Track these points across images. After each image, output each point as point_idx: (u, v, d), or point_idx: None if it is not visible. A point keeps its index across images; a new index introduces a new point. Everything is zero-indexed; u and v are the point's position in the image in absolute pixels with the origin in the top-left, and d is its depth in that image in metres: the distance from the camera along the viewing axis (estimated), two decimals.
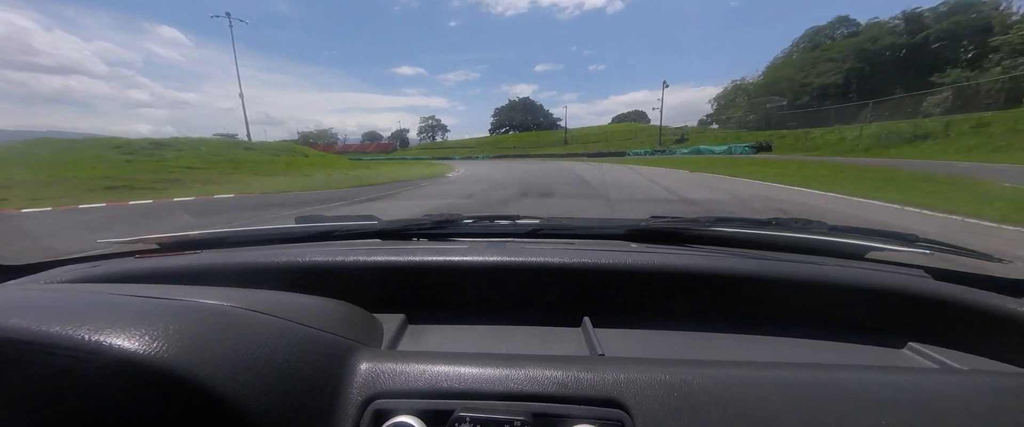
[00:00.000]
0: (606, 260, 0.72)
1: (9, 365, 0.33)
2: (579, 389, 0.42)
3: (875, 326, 0.67)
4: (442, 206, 7.57)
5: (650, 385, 0.42)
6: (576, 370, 0.44)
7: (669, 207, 6.76)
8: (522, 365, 0.45)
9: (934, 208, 5.64)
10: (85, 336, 0.33)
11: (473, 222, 1.05)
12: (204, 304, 0.44)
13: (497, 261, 0.73)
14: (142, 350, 0.33)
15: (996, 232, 4.37)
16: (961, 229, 4.55)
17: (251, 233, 1.00)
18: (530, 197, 8.43)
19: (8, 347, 0.33)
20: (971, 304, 0.61)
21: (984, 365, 0.58)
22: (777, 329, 0.68)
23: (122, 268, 0.78)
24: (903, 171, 11.33)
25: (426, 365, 0.45)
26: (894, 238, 0.83)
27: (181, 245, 0.92)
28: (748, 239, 0.89)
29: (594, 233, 1.05)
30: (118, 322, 0.35)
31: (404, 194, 9.95)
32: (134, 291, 0.46)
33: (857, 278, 0.68)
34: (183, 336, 0.36)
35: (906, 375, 0.45)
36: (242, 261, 0.76)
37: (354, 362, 0.45)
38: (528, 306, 0.75)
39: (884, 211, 5.83)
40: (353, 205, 8.00)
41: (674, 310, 0.73)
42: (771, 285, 0.69)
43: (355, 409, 0.41)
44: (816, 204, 6.63)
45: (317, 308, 0.56)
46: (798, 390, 0.41)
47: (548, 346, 0.64)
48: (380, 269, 0.74)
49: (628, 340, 0.65)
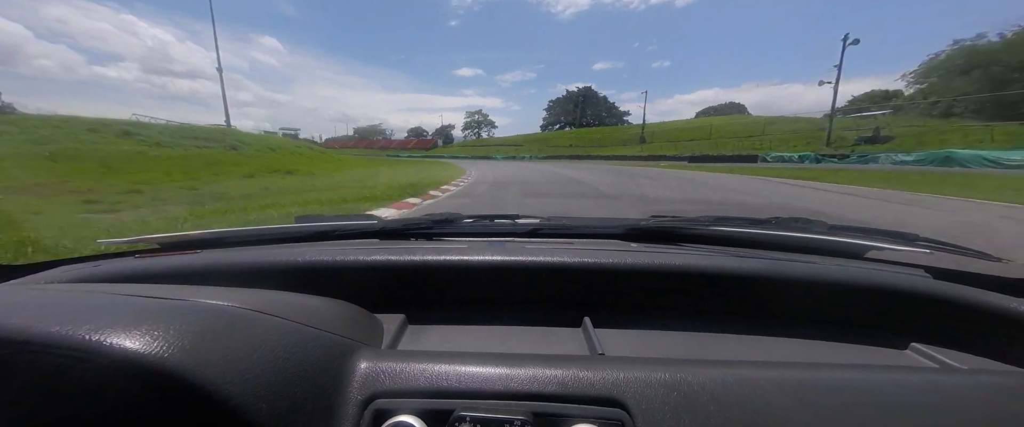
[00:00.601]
0: (606, 259, 0.72)
1: (8, 365, 0.33)
2: (579, 388, 0.42)
3: (876, 325, 0.67)
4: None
5: (651, 385, 0.42)
6: (576, 369, 0.44)
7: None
8: (522, 364, 0.45)
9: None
10: (85, 336, 0.33)
11: (473, 222, 1.05)
12: (204, 304, 0.44)
13: (497, 260, 0.73)
14: (142, 350, 0.33)
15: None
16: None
17: (251, 233, 1.00)
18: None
19: (7, 347, 0.33)
20: (972, 303, 0.61)
21: (986, 365, 0.58)
22: (778, 329, 0.68)
23: (122, 268, 0.78)
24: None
25: (426, 364, 0.45)
26: (894, 237, 0.83)
27: (181, 245, 0.92)
28: (748, 238, 0.89)
29: (594, 232, 1.05)
30: (118, 322, 0.35)
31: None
32: (134, 291, 0.46)
33: (857, 277, 0.68)
34: (183, 336, 0.36)
35: (908, 375, 0.45)
36: (242, 261, 0.76)
37: (354, 362, 0.45)
38: (528, 306, 0.75)
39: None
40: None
41: (675, 309, 0.73)
42: (771, 284, 0.69)
43: (355, 408, 0.41)
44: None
45: (317, 308, 0.56)
46: (799, 390, 0.41)
47: (548, 346, 0.64)
48: (380, 269, 0.74)
49: (628, 340, 0.65)
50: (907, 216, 5.89)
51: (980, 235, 4.50)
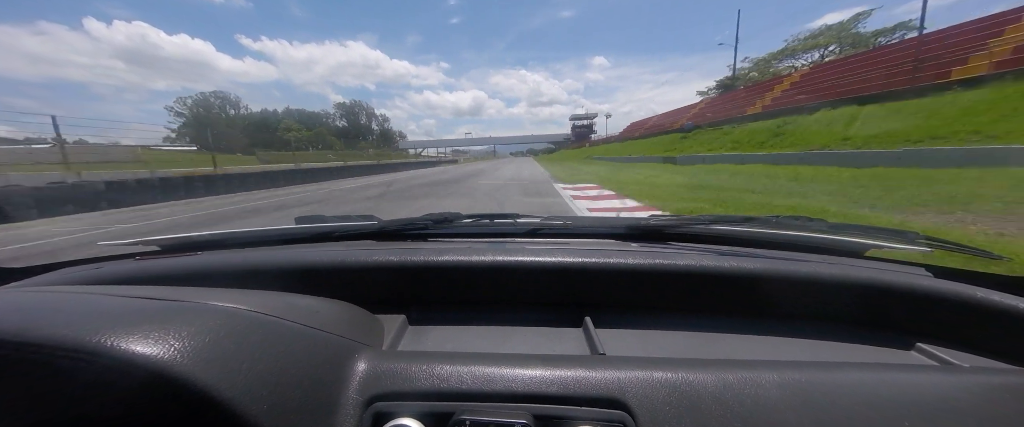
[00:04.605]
0: (607, 259, 0.72)
1: (8, 367, 0.33)
2: (581, 389, 0.42)
3: (879, 324, 0.67)
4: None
5: (652, 385, 0.42)
6: (577, 370, 0.44)
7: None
8: (523, 365, 0.45)
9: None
10: (86, 338, 0.33)
11: (473, 222, 1.05)
12: (205, 305, 0.44)
13: (497, 261, 0.73)
14: (143, 352, 0.33)
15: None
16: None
17: (251, 234, 1.00)
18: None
19: (8, 348, 0.33)
20: (973, 302, 0.61)
21: (989, 364, 0.58)
22: (780, 328, 0.67)
23: (122, 270, 0.78)
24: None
25: (427, 366, 0.45)
26: (894, 236, 0.83)
27: (181, 247, 0.92)
28: (748, 237, 0.89)
29: (594, 232, 1.04)
30: (118, 324, 0.35)
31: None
32: (134, 293, 0.46)
33: (858, 276, 0.67)
34: (184, 338, 0.36)
35: (910, 374, 0.45)
36: (242, 262, 0.76)
37: (355, 363, 0.45)
38: (529, 306, 0.75)
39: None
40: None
41: (676, 309, 0.73)
42: (772, 283, 0.69)
43: (356, 410, 0.41)
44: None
45: (318, 309, 0.56)
46: (801, 390, 0.41)
47: (549, 346, 0.64)
48: (380, 269, 0.74)
49: (629, 340, 0.65)
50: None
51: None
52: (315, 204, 9.89)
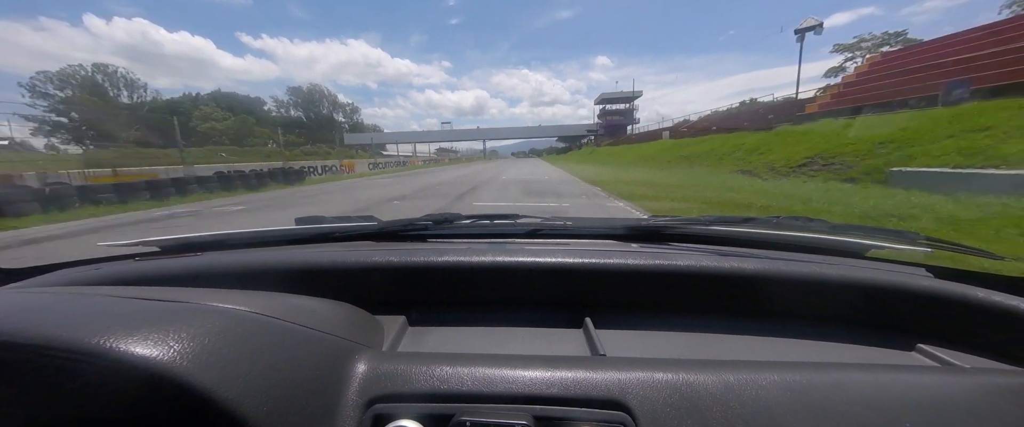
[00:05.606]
0: (607, 260, 0.72)
1: (7, 368, 0.33)
2: (581, 391, 0.42)
3: (880, 325, 0.67)
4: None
5: (653, 386, 0.42)
6: (578, 371, 0.44)
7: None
8: (523, 366, 0.45)
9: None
10: (85, 338, 0.33)
11: (473, 222, 1.05)
12: (204, 306, 0.44)
13: (498, 261, 0.73)
14: (143, 353, 0.33)
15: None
16: None
17: (251, 235, 1.00)
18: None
19: (8, 349, 0.33)
20: (974, 302, 0.61)
21: (990, 365, 0.58)
22: (781, 329, 0.67)
23: (122, 271, 0.78)
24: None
25: (427, 367, 0.45)
26: (895, 236, 0.83)
27: (181, 247, 0.92)
28: (749, 238, 0.89)
29: (594, 233, 1.04)
30: (118, 325, 0.35)
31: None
32: (134, 294, 0.46)
33: (859, 276, 0.67)
34: (183, 339, 0.36)
35: (911, 375, 0.45)
36: (242, 263, 0.76)
37: (355, 364, 0.45)
38: (529, 306, 0.74)
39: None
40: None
41: (676, 310, 0.73)
42: (773, 284, 0.69)
43: (356, 412, 0.41)
44: None
45: (318, 310, 0.56)
46: (802, 391, 0.41)
47: (549, 347, 0.64)
48: (380, 270, 0.74)
49: (630, 340, 0.65)
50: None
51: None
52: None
